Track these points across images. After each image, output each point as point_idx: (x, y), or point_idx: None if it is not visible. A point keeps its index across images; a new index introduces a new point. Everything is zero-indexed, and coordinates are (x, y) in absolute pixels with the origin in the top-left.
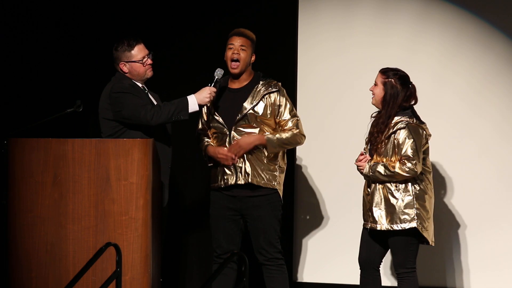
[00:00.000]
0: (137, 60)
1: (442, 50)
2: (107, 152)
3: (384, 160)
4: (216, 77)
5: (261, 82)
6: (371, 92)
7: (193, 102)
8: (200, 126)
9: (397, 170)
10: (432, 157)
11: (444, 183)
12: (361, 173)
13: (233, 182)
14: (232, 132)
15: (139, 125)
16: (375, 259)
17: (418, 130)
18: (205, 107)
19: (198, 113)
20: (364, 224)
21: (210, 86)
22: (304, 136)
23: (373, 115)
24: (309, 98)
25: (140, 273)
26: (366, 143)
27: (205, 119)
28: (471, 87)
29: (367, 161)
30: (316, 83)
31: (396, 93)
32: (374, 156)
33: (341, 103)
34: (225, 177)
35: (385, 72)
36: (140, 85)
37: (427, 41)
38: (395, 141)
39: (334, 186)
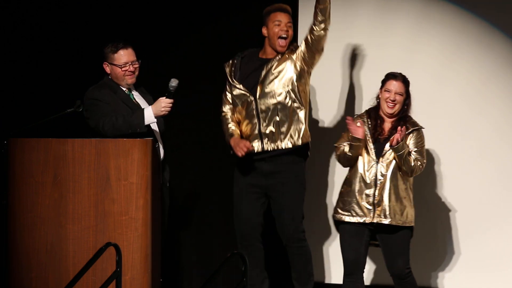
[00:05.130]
0: (117, 64)
1: (442, 50)
2: (107, 152)
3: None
4: (171, 89)
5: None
6: (392, 102)
7: (149, 114)
8: (223, 107)
9: (417, 162)
10: (432, 156)
11: (444, 183)
12: (391, 146)
13: (259, 149)
14: (258, 99)
15: None
16: (363, 261)
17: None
18: (229, 79)
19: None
20: (359, 219)
21: (166, 97)
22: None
23: (361, 116)
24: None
25: (140, 273)
26: (372, 142)
27: (229, 91)
28: (471, 87)
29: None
30: (316, 83)
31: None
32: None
33: (341, 103)
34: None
35: (405, 81)
36: (124, 88)
37: (427, 41)
38: (408, 140)
39: (335, 186)
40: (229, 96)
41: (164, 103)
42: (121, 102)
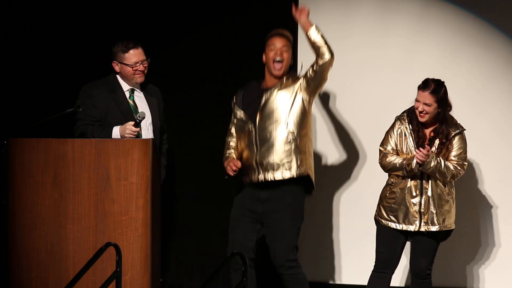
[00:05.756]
0: (128, 63)
1: (442, 50)
2: (107, 152)
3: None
4: (138, 120)
5: (287, 77)
6: (423, 111)
7: (116, 134)
8: (227, 137)
9: (457, 168)
10: None
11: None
12: (421, 165)
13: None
14: (257, 128)
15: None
16: (397, 262)
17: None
18: (233, 108)
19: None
20: (405, 227)
21: (133, 125)
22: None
23: (401, 118)
24: None
25: (140, 273)
26: (417, 148)
27: (234, 122)
28: (471, 87)
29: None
30: None
31: (449, 105)
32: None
33: (341, 103)
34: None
35: (435, 91)
36: (127, 88)
37: (427, 41)
38: (449, 144)
39: (336, 186)
40: (233, 129)
41: (129, 130)
42: (114, 103)
